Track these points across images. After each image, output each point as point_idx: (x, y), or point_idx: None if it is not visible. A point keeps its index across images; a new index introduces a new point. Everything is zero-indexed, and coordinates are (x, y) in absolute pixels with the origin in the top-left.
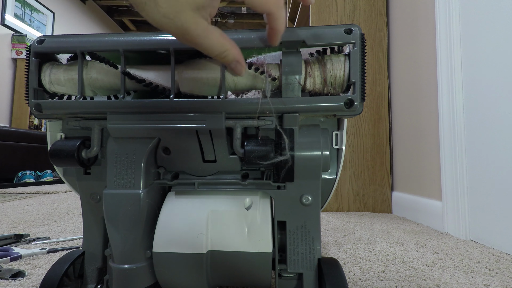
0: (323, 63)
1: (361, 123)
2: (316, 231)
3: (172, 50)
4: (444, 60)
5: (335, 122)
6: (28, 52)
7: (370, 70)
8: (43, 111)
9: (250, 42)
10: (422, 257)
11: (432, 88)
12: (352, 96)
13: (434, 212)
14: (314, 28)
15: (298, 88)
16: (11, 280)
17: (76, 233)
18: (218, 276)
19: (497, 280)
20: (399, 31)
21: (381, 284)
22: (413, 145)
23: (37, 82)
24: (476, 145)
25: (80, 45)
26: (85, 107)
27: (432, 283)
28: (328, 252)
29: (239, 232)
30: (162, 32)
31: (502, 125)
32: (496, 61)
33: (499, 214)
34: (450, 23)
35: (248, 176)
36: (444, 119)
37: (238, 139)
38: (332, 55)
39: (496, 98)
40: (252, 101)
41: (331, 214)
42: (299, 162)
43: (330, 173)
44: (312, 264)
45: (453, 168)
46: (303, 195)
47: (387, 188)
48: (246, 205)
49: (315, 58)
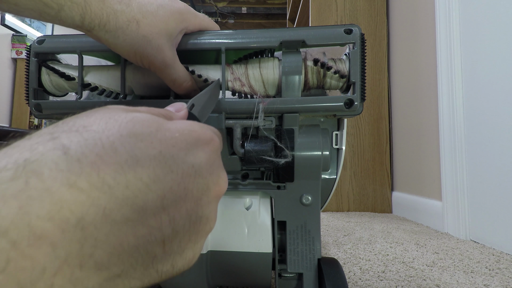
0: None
1: (361, 123)
2: (316, 231)
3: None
4: (444, 60)
5: (335, 122)
6: (28, 52)
7: (370, 70)
8: (43, 111)
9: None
10: (422, 257)
11: (432, 88)
12: (352, 96)
13: (434, 212)
14: (314, 28)
15: (298, 88)
16: None
17: None
18: (218, 276)
19: (497, 280)
20: (399, 31)
21: (381, 284)
22: (413, 145)
23: (37, 82)
24: (476, 145)
25: (80, 45)
26: (85, 107)
27: (432, 283)
28: (328, 252)
29: (239, 232)
30: None
31: (502, 125)
32: (496, 61)
33: (499, 214)
34: (450, 23)
35: (248, 176)
36: (444, 119)
37: (238, 139)
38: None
39: (496, 98)
40: (252, 101)
41: (331, 214)
42: (299, 162)
43: (330, 173)
44: (312, 264)
45: (453, 168)
46: (303, 195)
47: (387, 188)
48: (246, 205)
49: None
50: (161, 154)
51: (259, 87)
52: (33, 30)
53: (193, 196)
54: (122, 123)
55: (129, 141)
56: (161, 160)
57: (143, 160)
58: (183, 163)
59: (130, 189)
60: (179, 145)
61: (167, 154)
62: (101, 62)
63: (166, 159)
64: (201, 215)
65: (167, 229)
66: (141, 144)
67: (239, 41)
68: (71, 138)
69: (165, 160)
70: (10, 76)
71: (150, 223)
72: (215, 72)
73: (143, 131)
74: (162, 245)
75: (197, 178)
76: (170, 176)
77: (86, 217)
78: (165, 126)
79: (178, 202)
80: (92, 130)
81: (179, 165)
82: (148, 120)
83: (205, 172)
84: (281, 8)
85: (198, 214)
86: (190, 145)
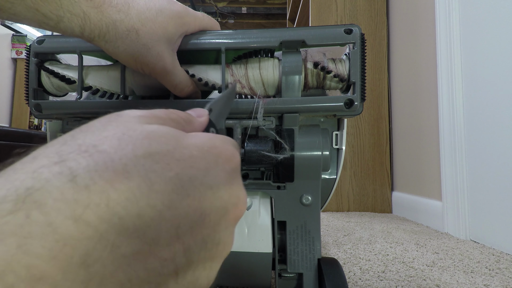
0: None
1: (361, 123)
2: (316, 231)
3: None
4: (444, 60)
5: (335, 122)
6: (28, 52)
7: (370, 70)
8: (43, 111)
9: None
10: (422, 257)
11: (432, 88)
12: (352, 96)
13: (434, 212)
14: (314, 28)
15: (298, 88)
16: None
17: None
18: (218, 276)
19: (497, 280)
20: (399, 31)
21: (381, 284)
22: (413, 145)
23: (37, 82)
24: (476, 145)
25: (80, 45)
26: (85, 107)
27: (432, 283)
28: (328, 252)
29: (239, 232)
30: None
31: (502, 125)
32: (496, 61)
33: (499, 214)
34: (450, 23)
35: (248, 176)
36: (444, 119)
37: (238, 139)
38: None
39: (496, 98)
40: (252, 101)
41: (331, 214)
42: (299, 162)
43: (330, 173)
44: (312, 264)
45: (453, 168)
46: (303, 195)
47: (387, 188)
48: (246, 205)
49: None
50: (178, 177)
51: (259, 89)
52: (33, 30)
53: (211, 221)
54: (137, 141)
55: (144, 163)
56: (177, 184)
57: (158, 185)
58: (201, 185)
59: (142, 219)
60: (198, 165)
61: (185, 176)
62: (101, 62)
63: (183, 182)
64: (218, 241)
65: (181, 259)
66: (156, 166)
67: (239, 41)
68: (80, 161)
69: (182, 183)
70: (10, 76)
71: (162, 255)
72: (215, 73)
73: (160, 149)
74: (175, 276)
75: (215, 202)
76: (187, 201)
77: (92, 254)
78: (183, 143)
79: (194, 229)
80: (103, 151)
81: (196, 188)
82: (165, 135)
83: (224, 193)
84: (281, 8)
85: (215, 241)
86: (209, 164)
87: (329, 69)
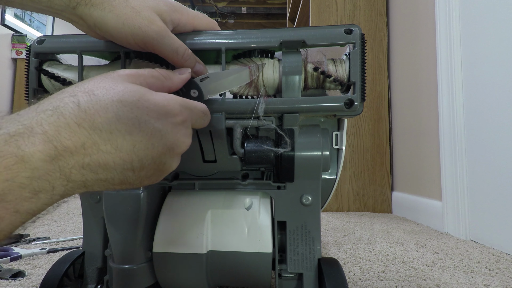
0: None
1: (361, 123)
2: (316, 231)
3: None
4: (444, 60)
5: (335, 122)
6: (28, 52)
7: (370, 70)
8: None
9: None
10: (422, 257)
11: (432, 88)
12: (352, 96)
13: (434, 212)
14: (314, 28)
15: (298, 88)
16: (11, 280)
17: (76, 233)
18: (218, 276)
19: (497, 280)
20: (399, 31)
21: (381, 284)
22: (413, 145)
23: (37, 82)
24: (476, 145)
25: (80, 45)
26: None
27: (432, 283)
28: (328, 252)
29: (239, 232)
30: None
31: (502, 125)
32: (496, 61)
33: (499, 214)
34: (450, 23)
35: (248, 176)
36: (444, 119)
37: (238, 139)
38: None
39: (496, 98)
40: (252, 101)
41: (331, 214)
42: (299, 162)
43: (330, 173)
44: (312, 264)
45: (453, 168)
46: (303, 195)
47: (387, 188)
48: (246, 205)
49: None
50: (136, 118)
51: (259, 90)
52: (33, 30)
53: (158, 150)
54: (116, 92)
55: (117, 105)
56: (135, 121)
57: (123, 119)
58: (152, 127)
59: (113, 134)
60: (151, 114)
61: (141, 118)
62: (101, 62)
63: (140, 121)
64: (164, 162)
65: (136, 163)
66: (124, 108)
67: (240, 41)
68: (83, 97)
69: (139, 122)
70: (10, 76)
71: (124, 157)
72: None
73: (128, 99)
74: (132, 172)
75: (162, 139)
76: (141, 133)
77: (87, 142)
78: (145, 97)
79: (147, 150)
80: (96, 94)
81: (148, 127)
82: (134, 91)
83: (169, 136)
84: (281, 8)
85: (161, 161)
86: (160, 115)
87: (329, 73)
